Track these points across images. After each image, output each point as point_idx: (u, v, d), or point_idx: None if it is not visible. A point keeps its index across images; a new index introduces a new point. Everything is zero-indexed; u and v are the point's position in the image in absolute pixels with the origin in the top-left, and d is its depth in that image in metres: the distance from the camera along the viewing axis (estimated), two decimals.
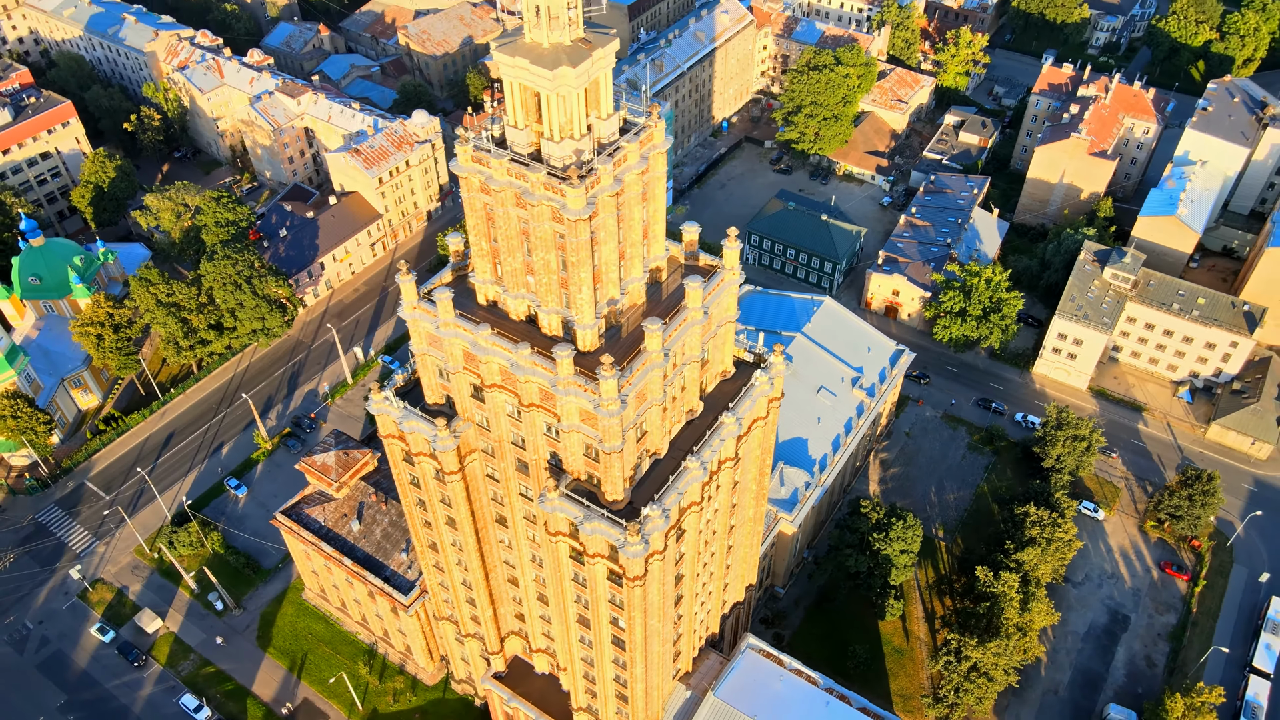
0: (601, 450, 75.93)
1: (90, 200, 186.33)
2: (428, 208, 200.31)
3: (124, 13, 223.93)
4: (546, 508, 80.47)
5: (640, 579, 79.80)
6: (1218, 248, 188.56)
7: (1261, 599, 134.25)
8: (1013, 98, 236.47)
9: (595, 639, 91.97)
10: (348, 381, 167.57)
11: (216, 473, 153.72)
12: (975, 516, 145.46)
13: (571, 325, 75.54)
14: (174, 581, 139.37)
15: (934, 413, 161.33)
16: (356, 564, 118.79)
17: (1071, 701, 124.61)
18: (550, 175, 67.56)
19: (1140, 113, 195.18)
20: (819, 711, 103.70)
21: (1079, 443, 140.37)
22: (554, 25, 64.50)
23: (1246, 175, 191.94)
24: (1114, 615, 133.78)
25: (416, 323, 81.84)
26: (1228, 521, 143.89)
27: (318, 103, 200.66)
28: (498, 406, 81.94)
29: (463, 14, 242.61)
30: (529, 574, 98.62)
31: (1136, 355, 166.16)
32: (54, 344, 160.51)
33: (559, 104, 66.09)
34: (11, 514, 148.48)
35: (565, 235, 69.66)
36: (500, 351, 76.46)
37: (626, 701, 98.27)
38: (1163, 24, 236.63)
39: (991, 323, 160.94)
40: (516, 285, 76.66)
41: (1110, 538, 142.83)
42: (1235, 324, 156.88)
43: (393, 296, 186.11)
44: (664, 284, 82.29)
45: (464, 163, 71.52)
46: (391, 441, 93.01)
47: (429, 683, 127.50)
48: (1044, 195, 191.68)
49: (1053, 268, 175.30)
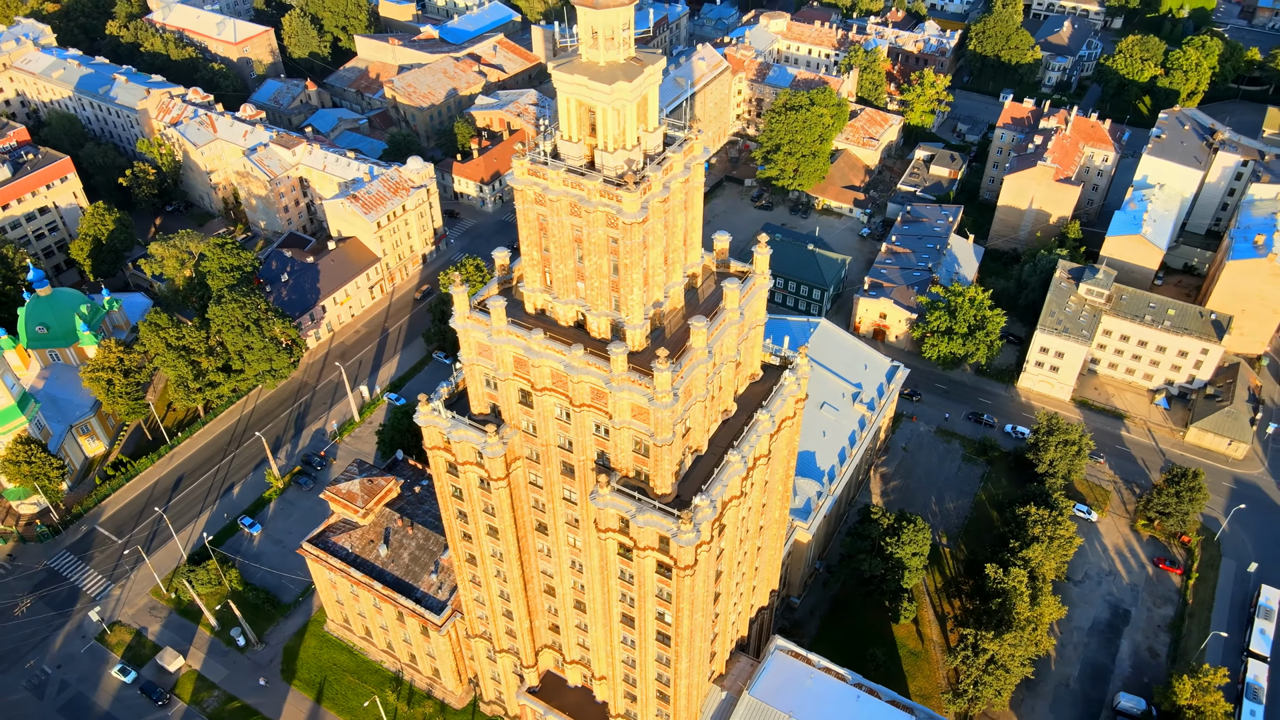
0: (653, 444, 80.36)
1: (89, 252, 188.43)
2: (423, 251, 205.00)
3: (114, 73, 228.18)
4: (598, 504, 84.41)
5: (691, 568, 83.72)
6: (1179, 265, 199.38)
7: (1251, 588, 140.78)
8: (975, 134, 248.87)
9: (639, 637, 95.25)
10: (355, 419, 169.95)
11: (228, 514, 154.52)
12: (975, 523, 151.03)
13: (621, 327, 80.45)
14: (193, 620, 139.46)
15: (928, 428, 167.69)
16: (386, 587, 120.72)
17: (1082, 693, 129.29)
18: (606, 183, 73.04)
19: (1099, 142, 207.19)
20: (850, 706, 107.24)
21: (1070, 447, 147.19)
22: (610, 45, 70.61)
23: (1201, 197, 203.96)
24: (1115, 610, 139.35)
25: (468, 333, 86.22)
26: (1212, 518, 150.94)
27: (312, 153, 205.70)
28: (546, 410, 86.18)
29: (446, 68, 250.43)
30: (567, 581, 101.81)
31: (1114, 366, 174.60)
32: (61, 391, 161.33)
33: (614, 117, 71.89)
34: (23, 561, 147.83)
35: (619, 239, 74.95)
36: (553, 354, 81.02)
37: (668, 701, 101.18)
38: (1111, 62, 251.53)
39: (977, 339, 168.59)
40: (566, 291, 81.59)
41: (1105, 537, 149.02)
42: (1205, 332, 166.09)
43: (393, 337, 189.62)
44: (699, 289, 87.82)
45: (520, 175, 76.76)
46: (436, 453, 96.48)
47: (457, 706, 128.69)
48: (1015, 221, 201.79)
49: (1029, 287, 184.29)
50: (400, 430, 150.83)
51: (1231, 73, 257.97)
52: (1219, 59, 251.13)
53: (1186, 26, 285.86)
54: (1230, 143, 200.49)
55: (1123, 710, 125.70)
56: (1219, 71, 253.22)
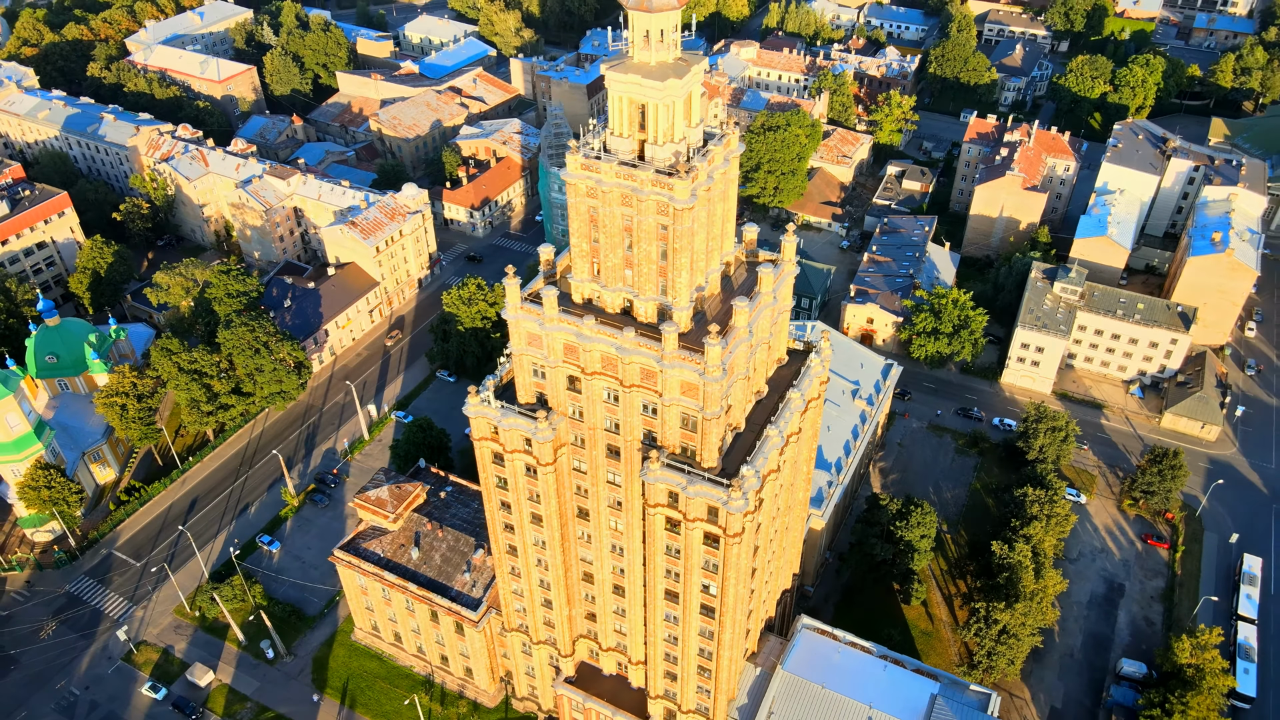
0: (701, 417, 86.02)
1: (88, 285, 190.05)
2: (419, 275, 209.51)
3: (101, 112, 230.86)
4: (649, 479, 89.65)
5: (739, 536, 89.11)
6: (1141, 266, 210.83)
7: (1234, 557, 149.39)
8: (940, 151, 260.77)
9: (683, 612, 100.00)
10: (365, 437, 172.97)
11: (246, 532, 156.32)
12: (972, 511, 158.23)
13: (668, 310, 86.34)
14: (219, 636, 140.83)
15: (920, 424, 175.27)
16: (421, 588, 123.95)
17: (1086, 661, 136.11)
18: (658, 173, 79.31)
19: (1060, 153, 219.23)
20: (879, 675, 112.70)
21: (1057, 434, 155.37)
22: (660, 47, 77.29)
23: (1158, 201, 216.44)
24: (1110, 584, 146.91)
25: (518, 323, 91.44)
26: (1192, 495, 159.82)
27: (306, 183, 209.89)
28: (595, 394, 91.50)
29: (429, 100, 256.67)
30: (606, 566, 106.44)
31: (1090, 360, 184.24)
32: (71, 420, 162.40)
33: (665, 112, 78.39)
34: (42, 587, 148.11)
35: (669, 225, 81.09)
36: (605, 338, 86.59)
37: (709, 676, 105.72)
38: (1063, 81, 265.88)
39: (962, 338, 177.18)
40: (614, 280, 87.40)
41: (1094, 518, 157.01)
42: (1173, 324, 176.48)
43: (394, 359, 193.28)
44: (733, 276, 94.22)
45: (574, 170, 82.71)
46: (483, 444, 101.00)
47: (490, 705, 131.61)
48: (987, 229, 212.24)
49: (1005, 289, 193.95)
50: (415, 443, 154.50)
51: (1174, 88, 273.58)
52: (1163, 75, 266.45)
53: (1129, 47, 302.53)
54: (1182, 149, 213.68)
55: (1125, 675, 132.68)
56: (1163, 87, 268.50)
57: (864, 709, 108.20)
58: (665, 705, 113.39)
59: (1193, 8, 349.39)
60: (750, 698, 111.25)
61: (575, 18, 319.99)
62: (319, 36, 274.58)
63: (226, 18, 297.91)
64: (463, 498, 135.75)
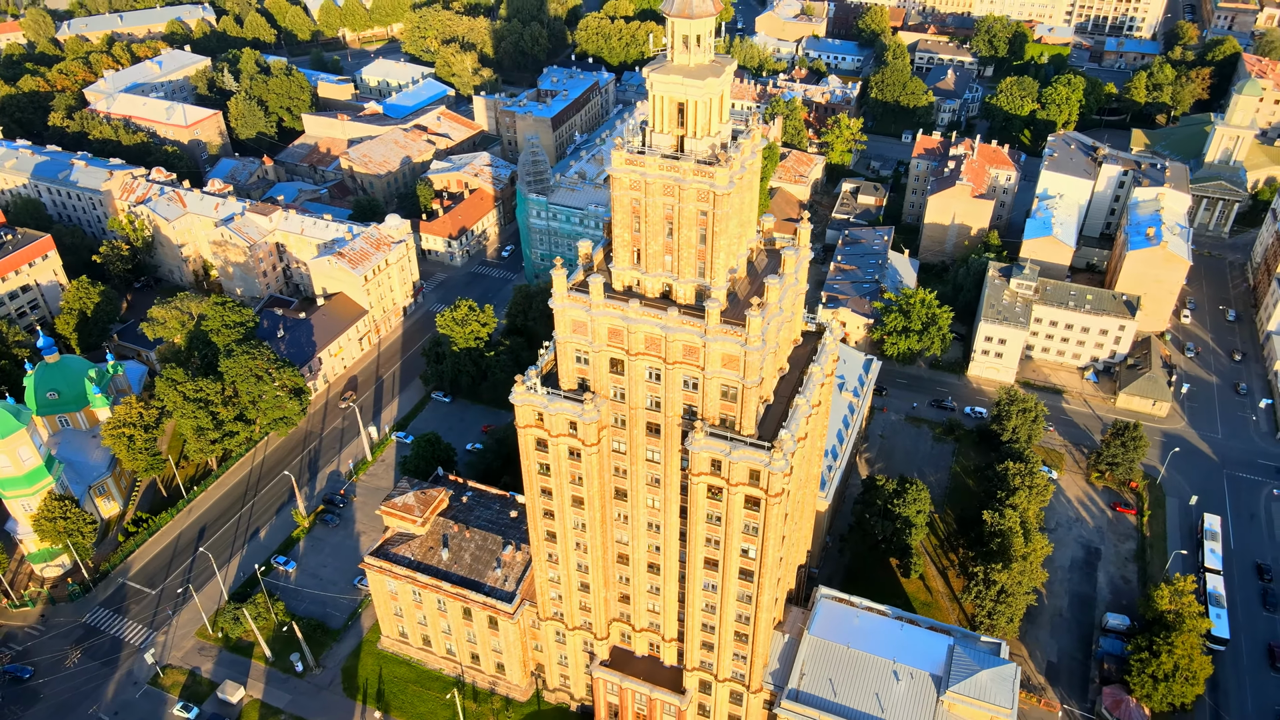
0: (743, 386, 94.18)
1: (75, 326, 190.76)
2: (404, 303, 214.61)
3: (72, 159, 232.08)
4: (694, 448, 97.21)
5: (779, 496, 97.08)
6: (1083, 265, 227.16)
7: (1195, 518, 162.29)
8: (887, 169, 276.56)
9: (722, 578, 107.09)
10: (368, 459, 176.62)
11: (260, 555, 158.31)
12: (955, 492, 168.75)
13: (706, 291, 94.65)
14: (245, 655, 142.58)
15: (898, 417, 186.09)
16: (455, 585, 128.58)
17: (1074, 619, 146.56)
18: (699, 163, 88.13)
19: (1002, 164, 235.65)
20: (897, 633, 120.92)
21: (1028, 415, 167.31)
22: (697, 50, 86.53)
23: (1093, 204, 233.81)
24: (1088, 549, 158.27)
25: (564, 312, 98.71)
26: (1151, 466, 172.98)
27: (288, 219, 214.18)
28: (638, 375, 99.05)
29: (396, 138, 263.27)
30: (642, 545, 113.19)
31: (1046, 350, 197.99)
32: (73, 455, 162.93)
33: (704, 108, 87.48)
34: (57, 621, 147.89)
35: (708, 211, 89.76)
36: (650, 319, 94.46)
37: (746, 642, 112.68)
38: (995, 101, 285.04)
39: (931, 334, 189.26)
40: (655, 266, 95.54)
41: (1067, 491, 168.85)
42: (1120, 312, 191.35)
43: (388, 383, 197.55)
44: (755, 262, 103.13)
45: (619, 165, 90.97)
46: (527, 431, 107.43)
47: (521, 699, 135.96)
48: (941, 235, 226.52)
49: (965, 289, 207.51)
50: (424, 457, 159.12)
51: (1095, 105, 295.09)
52: (1084, 93, 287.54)
53: (1049, 70, 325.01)
54: (1112, 156, 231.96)
55: (1111, 628, 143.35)
56: (1085, 104, 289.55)
57: (888, 664, 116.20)
58: (701, 677, 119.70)
59: (1101, 33, 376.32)
60: (781, 663, 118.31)
61: (529, 57, 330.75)
62: (282, 81, 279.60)
63: (185, 66, 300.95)
64: (484, 501, 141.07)
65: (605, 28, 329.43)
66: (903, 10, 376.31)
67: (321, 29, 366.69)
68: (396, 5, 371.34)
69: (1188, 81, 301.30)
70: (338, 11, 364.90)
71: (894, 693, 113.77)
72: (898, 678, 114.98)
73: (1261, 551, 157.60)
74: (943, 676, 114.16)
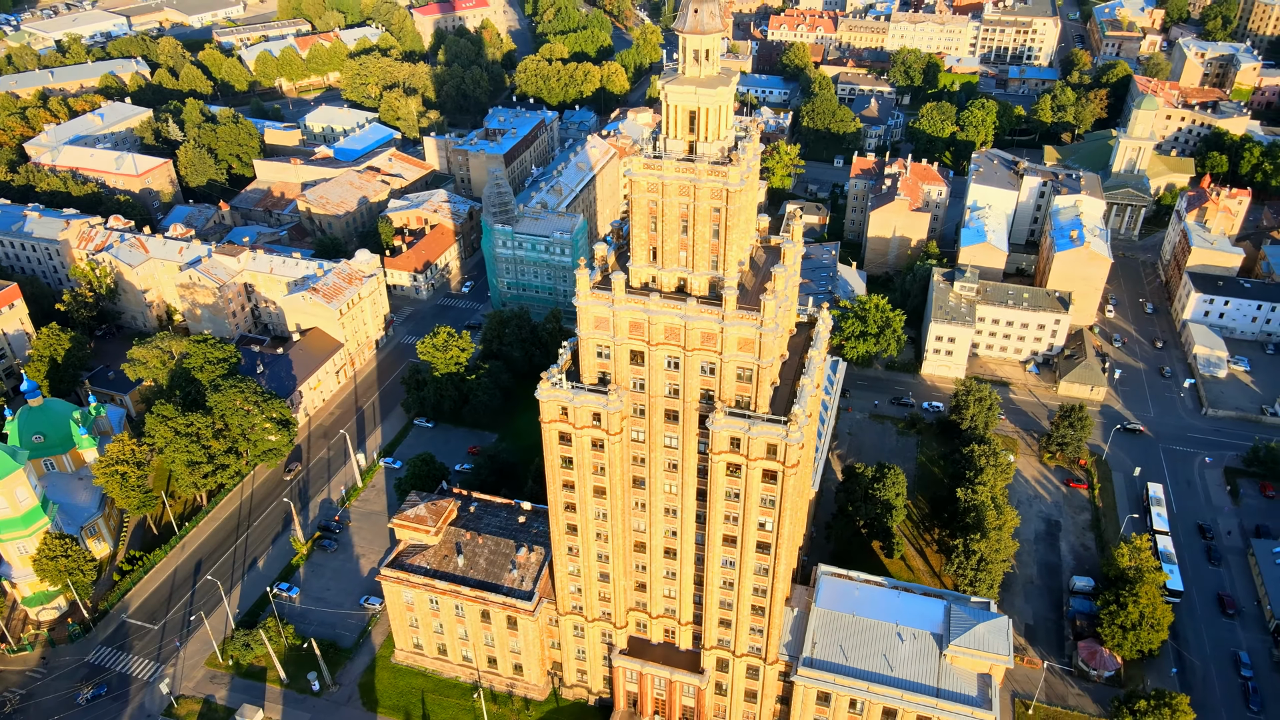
0: (759, 366, 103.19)
1: (46, 373, 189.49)
2: (376, 336, 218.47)
3: (25, 210, 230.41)
4: (715, 427, 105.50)
5: (796, 467, 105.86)
6: (1013, 270, 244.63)
7: (1140, 487, 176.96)
8: (824, 191, 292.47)
9: (740, 553, 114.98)
10: (359, 485, 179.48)
11: (260, 584, 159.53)
12: (923, 480, 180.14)
13: (719, 282, 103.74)
14: (258, 679, 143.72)
15: (862, 415, 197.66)
16: (474, 589, 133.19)
17: (1044, 585, 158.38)
18: (712, 164, 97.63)
19: (933, 180, 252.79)
20: (896, 601, 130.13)
21: (984, 403, 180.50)
22: (706, 64, 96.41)
23: (1018, 213, 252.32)
24: (1049, 523, 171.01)
25: (587, 309, 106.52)
26: (1095, 445, 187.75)
27: (256, 259, 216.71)
28: (657, 364, 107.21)
29: (351, 179, 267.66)
30: (659, 530, 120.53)
31: (990, 347, 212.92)
32: (61, 497, 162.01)
33: (714, 115, 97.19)
34: (59, 663, 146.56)
35: (721, 208, 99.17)
36: (670, 310, 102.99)
37: (763, 615, 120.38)
38: (917, 125, 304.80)
39: (886, 337, 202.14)
40: (671, 261, 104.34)
41: (1024, 472, 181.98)
42: (1054, 308, 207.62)
43: (369, 413, 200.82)
44: (754, 258, 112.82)
45: (638, 170, 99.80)
46: (551, 426, 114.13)
47: (539, 698, 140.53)
48: (883, 248, 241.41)
49: (912, 294, 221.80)
50: (420, 476, 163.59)
51: (1006, 126, 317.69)
52: (997, 116, 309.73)
53: (961, 97, 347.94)
54: (1032, 169, 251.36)
55: (1079, 590, 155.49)
56: (998, 125, 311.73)
57: (892, 627, 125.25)
58: (719, 655, 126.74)
59: (1004, 62, 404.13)
60: (793, 634, 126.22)
61: (471, 100, 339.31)
62: (230, 128, 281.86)
63: (128, 117, 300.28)
64: (490, 510, 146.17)
65: (544, 69, 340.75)
66: (821, 46, 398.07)
67: (259, 79, 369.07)
68: (333, 55, 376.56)
69: (1087, 102, 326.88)
70: (274, 62, 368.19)
71: (900, 652, 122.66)
72: (902, 639, 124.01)
73: (1201, 514, 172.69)
74: (942, 634, 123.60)
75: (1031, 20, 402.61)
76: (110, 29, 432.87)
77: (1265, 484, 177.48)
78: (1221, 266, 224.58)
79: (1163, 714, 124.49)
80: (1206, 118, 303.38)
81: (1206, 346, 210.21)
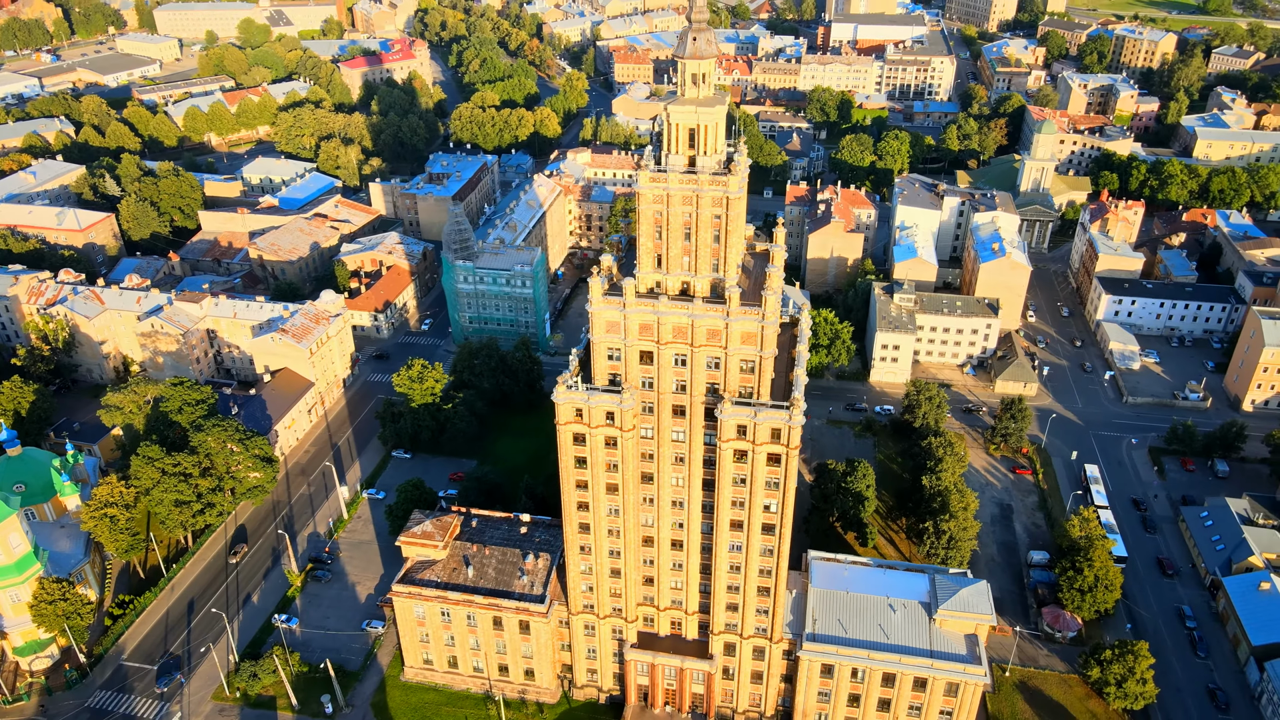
0: (761, 357, 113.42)
1: (10, 427, 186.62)
2: (343, 375, 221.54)
3: None
4: (724, 416, 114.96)
5: (797, 448, 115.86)
6: (941, 283, 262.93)
7: (1078, 469, 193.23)
8: (756, 220, 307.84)
9: (747, 536, 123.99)
10: (345, 517, 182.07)
11: (258, 618, 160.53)
12: (885, 476, 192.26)
13: (720, 284, 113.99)
14: (268, 708, 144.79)
15: (820, 421, 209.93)
16: (486, 597, 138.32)
17: (1004, 562, 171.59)
18: (713, 175, 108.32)
19: (862, 204, 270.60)
20: (883, 577, 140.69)
21: (933, 401, 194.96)
22: (703, 85, 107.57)
23: (941, 230, 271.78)
24: (1001, 506, 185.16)
25: (599, 314, 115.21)
26: (1034, 435, 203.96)
27: (219, 304, 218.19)
28: (666, 362, 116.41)
29: (301, 226, 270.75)
30: (667, 523, 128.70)
31: (930, 353, 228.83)
32: (46, 545, 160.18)
33: (713, 131, 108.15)
34: (60, 709, 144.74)
35: (721, 215, 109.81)
36: (678, 310, 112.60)
37: (768, 595, 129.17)
38: (839, 155, 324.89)
39: (836, 348, 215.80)
40: (675, 266, 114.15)
41: (974, 464, 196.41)
42: (985, 313, 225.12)
43: (345, 448, 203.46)
44: (745, 262, 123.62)
45: (645, 183, 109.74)
46: (566, 428, 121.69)
47: (551, 701, 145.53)
48: (822, 268, 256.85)
49: (854, 309, 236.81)
50: (411, 500, 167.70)
51: (919, 154, 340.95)
52: (910, 145, 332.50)
53: (874, 130, 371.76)
54: (950, 190, 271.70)
55: (1036, 563, 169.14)
56: (912, 154, 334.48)
57: (883, 600, 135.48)
58: (726, 639, 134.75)
59: (908, 98, 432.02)
60: (794, 614, 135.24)
61: (408, 147, 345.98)
62: (172, 181, 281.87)
63: (61, 174, 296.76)
64: (492, 523, 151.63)
65: (478, 116, 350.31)
66: (739, 88, 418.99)
67: (188, 134, 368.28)
68: (262, 109, 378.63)
69: (989, 131, 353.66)
70: (203, 117, 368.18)
71: (894, 621, 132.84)
72: (894, 609, 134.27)
73: (1134, 489, 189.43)
74: (930, 602, 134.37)
75: (930, 59, 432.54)
76: (22, 90, 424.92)
77: (1185, 459, 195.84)
78: (1126, 270, 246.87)
79: (1127, 660, 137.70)
80: (1096, 141, 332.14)
81: (1120, 342, 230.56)
